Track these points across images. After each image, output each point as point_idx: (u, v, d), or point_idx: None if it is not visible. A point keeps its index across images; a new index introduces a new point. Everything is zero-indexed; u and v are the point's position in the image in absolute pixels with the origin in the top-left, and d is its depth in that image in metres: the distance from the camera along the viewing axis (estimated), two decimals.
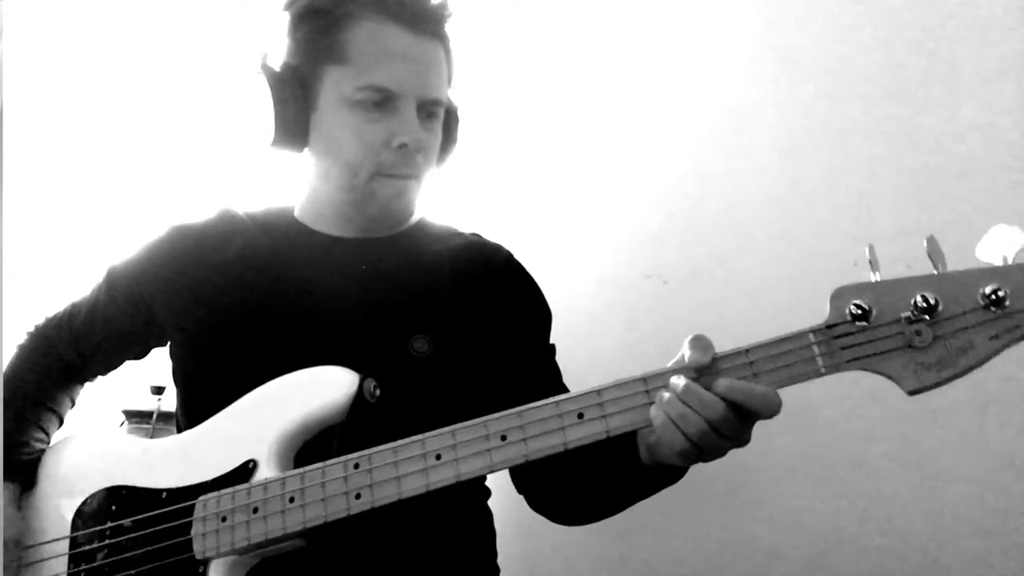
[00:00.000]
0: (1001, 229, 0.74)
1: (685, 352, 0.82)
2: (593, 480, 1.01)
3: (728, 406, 0.78)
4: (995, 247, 0.74)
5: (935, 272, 0.76)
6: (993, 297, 0.72)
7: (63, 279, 1.57)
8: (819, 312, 0.79)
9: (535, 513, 1.13)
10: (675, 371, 0.81)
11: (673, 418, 0.79)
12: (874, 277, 0.78)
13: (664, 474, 0.91)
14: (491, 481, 1.17)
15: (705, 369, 0.80)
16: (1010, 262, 0.73)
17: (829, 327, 0.77)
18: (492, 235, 1.26)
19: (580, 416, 0.83)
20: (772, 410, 0.77)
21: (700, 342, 0.81)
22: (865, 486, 1.44)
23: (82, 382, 1.25)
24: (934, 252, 0.76)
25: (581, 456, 0.95)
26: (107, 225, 2.26)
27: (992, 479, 1.31)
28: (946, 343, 0.74)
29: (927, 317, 0.74)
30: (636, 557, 1.71)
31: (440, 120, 1.14)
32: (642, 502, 1.02)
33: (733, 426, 0.78)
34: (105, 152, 2.39)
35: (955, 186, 1.39)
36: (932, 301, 0.74)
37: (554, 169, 2.05)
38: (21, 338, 1.24)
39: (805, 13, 1.63)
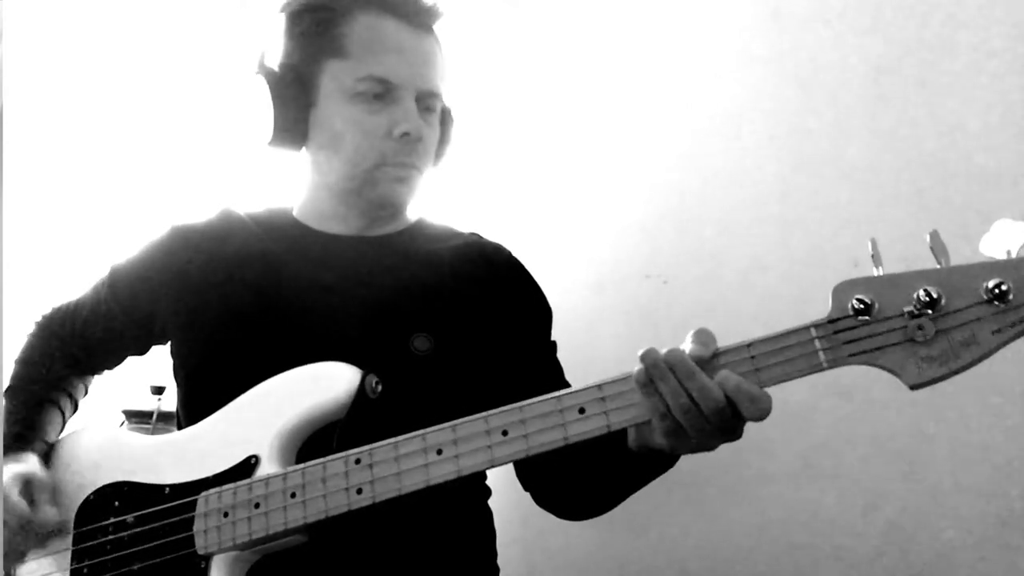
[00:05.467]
0: (1005, 223, 0.73)
1: (687, 346, 0.82)
2: (588, 471, 1.00)
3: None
4: (999, 241, 0.73)
5: (938, 266, 0.75)
6: (997, 291, 0.71)
7: (63, 279, 1.57)
8: (820, 313, 0.78)
9: (535, 513, 1.13)
10: None
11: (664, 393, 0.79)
12: (876, 272, 0.77)
13: (652, 460, 0.90)
14: (491, 481, 1.17)
15: (705, 363, 0.79)
16: (1014, 256, 0.73)
17: (831, 321, 0.77)
18: (491, 235, 1.26)
19: (581, 411, 0.82)
20: (758, 413, 0.76)
21: (701, 336, 0.81)
22: (865, 482, 1.44)
23: (90, 374, 1.26)
24: (937, 246, 0.76)
25: (580, 449, 0.94)
26: (108, 225, 2.26)
27: (994, 476, 1.31)
28: (949, 337, 0.73)
29: (929, 311, 0.73)
30: (637, 557, 1.70)
31: (437, 115, 1.16)
32: (644, 502, 1.01)
33: (720, 412, 0.77)
34: (105, 152, 2.39)
35: (956, 186, 1.39)
36: (935, 295, 0.73)
37: (553, 169, 2.05)
38: (29, 327, 1.25)
39: (804, 13, 1.63)
